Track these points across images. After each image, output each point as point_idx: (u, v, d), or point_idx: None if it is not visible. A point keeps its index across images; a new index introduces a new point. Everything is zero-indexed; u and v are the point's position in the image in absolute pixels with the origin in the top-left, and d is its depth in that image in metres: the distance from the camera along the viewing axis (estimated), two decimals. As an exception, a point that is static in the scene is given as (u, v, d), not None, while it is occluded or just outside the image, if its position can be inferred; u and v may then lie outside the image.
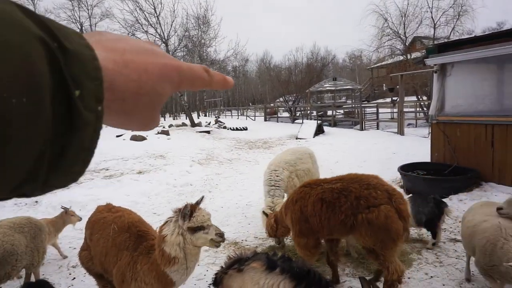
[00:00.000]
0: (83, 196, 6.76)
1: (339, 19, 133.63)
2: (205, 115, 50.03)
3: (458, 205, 5.33)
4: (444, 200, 5.21)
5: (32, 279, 3.72)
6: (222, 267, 2.46)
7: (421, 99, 20.07)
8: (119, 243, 2.56)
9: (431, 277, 3.50)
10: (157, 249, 2.32)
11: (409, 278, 3.48)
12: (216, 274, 2.45)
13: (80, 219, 4.66)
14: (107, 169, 9.61)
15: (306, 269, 2.14)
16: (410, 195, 4.43)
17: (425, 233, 4.41)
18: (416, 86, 19.91)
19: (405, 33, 23.08)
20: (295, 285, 2.05)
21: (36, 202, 6.69)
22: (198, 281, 3.80)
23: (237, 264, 2.31)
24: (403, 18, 22.98)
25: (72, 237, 5.05)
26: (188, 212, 2.27)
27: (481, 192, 5.62)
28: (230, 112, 44.31)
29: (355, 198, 2.91)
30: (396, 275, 2.94)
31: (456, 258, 3.85)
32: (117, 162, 10.48)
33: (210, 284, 2.59)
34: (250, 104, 61.57)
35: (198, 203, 2.39)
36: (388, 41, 23.85)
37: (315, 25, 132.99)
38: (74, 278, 4.13)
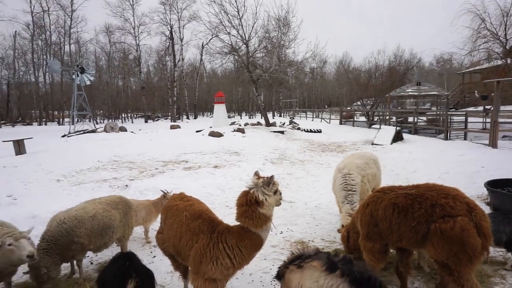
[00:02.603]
0: (165, 184, 7.41)
1: (427, 20, 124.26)
2: (280, 116, 50.59)
3: (556, 230, 4.72)
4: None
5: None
6: (284, 261, 2.61)
7: (521, 109, 17.87)
8: (193, 228, 2.87)
9: (515, 304, 3.22)
10: (250, 215, 2.67)
11: (488, 301, 3.24)
12: (279, 268, 2.61)
13: None
14: (187, 161, 10.35)
15: (367, 275, 2.16)
16: (491, 212, 4.07)
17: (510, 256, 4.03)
18: (515, 94, 17.78)
19: (505, 35, 20.72)
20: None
21: (126, 186, 7.52)
22: (264, 274, 3.99)
23: (298, 260, 2.44)
24: (505, 18, 20.64)
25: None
26: (272, 180, 2.74)
27: None
28: (305, 113, 44.14)
29: (431, 205, 2.81)
30: (472, 294, 2.78)
31: (548, 287, 3.46)
32: (196, 155, 11.23)
33: (274, 277, 2.74)
34: (326, 106, 60.54)
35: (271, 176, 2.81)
36: (484, 44, 21.60)
37: (400, 27, 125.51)
38: (155, 256, 4.61)
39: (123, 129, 21.25)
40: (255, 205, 2.66)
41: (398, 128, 17.14)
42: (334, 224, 5.66)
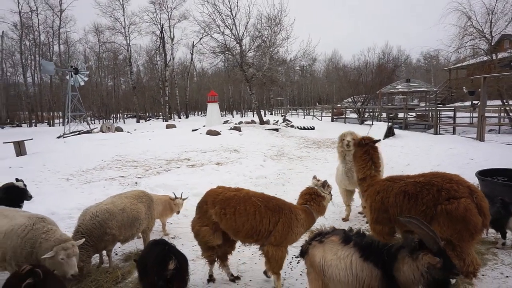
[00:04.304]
0: (174, 181, 7.72)
1: (414, 18, 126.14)
2: (271, 114, 50.98)
3: (542, 213, 5.18)
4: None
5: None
6: (306, 240, 2.98)
7: (506, 103, 18.55)
8: (273, 207, 3.41)
9: (507, 277, 3.62)
10: (317, 202, 3.63)
11: (483, 275, 3.64)
12: (302, 246, 2.97)
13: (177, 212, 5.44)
14: (189, 159, 10.64)
15: (371, 241, 2.61)
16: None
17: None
18: (501, 89, 18.43)
19: (491, 32, 21.40)
20: (361, 254, 2.53)
21: (136, 183, 7.79)
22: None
23: (318, 237, 2.84)
24: (490, 16, 21.31)
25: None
26: (327, 183, 3.74)
27: None
28: (296, 111, 44.62)
29: (437, 190, 3.18)
30: (472, 267, 3.16)
31: (536, 262, 3.89)
32: (197, 153, 11.52)
33: (298, 255, 3.09)
34: (317, 103, 61.17)
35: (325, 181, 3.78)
36: (471, 41, 22.27)
37: (389, 25, 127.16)
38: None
39: (119, 129, 21.38)
40: (320, 197, 3.63)
41: (389, 124, 17.65)
42: (339, 214, 6.03)
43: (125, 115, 59.26)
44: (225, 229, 3.51)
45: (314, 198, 3.62)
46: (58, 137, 19.72)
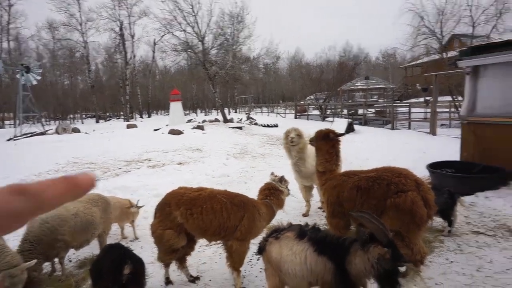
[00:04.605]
0: (133, 182, 7.51)
1: (373, 17, 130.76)
2: (235, 112, 50.92)
3: (484, 202, 5.58)
4: (469, 196, 5.53)
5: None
6: (263, 237, 3.03)
7: (455, 99, 19.74)
8: (238, 203, 3.49)
9: (451, 262, 3.86)
10: (276, 197, 3.77)
11: (430, 262, 3.86)
12: (259, 243, 3.01)
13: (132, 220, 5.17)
14: (150, 160, 10.40)
15: (324, 235, 2.68)
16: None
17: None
18: (451, 86, 19.60)
19: (441, 31, 22.69)
20: (315, 249, 2.59)
21: (93, 186, 7.49)
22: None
23: (275, 233, 2.89)
24: (440, 17, 22.60)
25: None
26: (284, 179, 3.91)
27: (509, 190, 5.82)
28: (260, 109, 44.83)
29: (387, 184, 3.33)
30: (419, 255, 3.35)
31: (477, 248, 4.17)
32: (158, 153, 11.28)
33: (256, 253, 3.12)
34: (280, 101, 61.87)
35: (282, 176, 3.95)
36: (424, 40, 23.52)
37: (349, 24, 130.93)
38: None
39: (76, 130, 20.46)
40: (278, 192, 3.79)
41: (350, 120, 18.21)
42: (299, 209, 6.14)
43: (84, 116, 56.72)
44: (192, 229, 3.47)
45: (273, 192, 3.77)
46: (8, 140, 18.57)
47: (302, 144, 5.52)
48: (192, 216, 3.38)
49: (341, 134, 4.16)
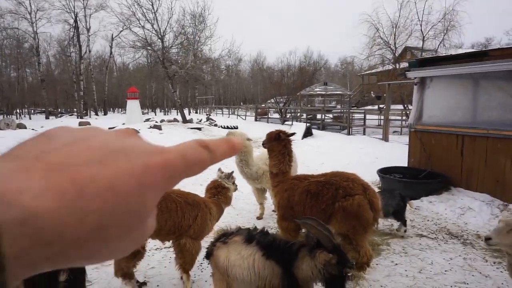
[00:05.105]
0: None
1: (333, 25, 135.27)
2: (196, 112, 50.28)
3: (428, 206, 5.91)
4: (415, 200, 5.83)
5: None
6: (211, 241, 2.96)
7: (407, 108, 20.85)
8: (191, 201, 3.45)
9: (396, 264, 4.03)
10: (224, 195, 3.79)
11: (377, 264, 3.99)
12: (207, 248, 2.94)
13: None
14: (102, 160, 9.93)
15: (272, 238, 2.67)
16: (379, 190, 4.93)
17: (395, 227, 4.96)
18: (403, 95, 20.68)
19: (395, 43, 23.90)
20: (263, 253, 2.57)
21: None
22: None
23: (223, 237, 2.83)
24: (394, 29, 23.82)
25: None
26: (231, 175, 3.93)
27: (449, 195, 6.20)
28: (221, 110, 44.61)
29: (335, 189, 3.40)
30: (366, 258, 3.45)
31: (420, 250, 4.39)
32: (111, 153, 10.81)
33: (204, 257, 3.05)
34: (242, 103, 62.03)
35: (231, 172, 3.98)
36: (379, 50, 24.67)
37: (310, 30, 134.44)
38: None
39: (22, 126, 19.13)
40: (225, 189, 3.80)
41: (308, 124, 18.59)
42: (253, 212, 6.14)
43: (32, 111, 53.26)
44: None
45: (220, 191, 3.80)
46: None
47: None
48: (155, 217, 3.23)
49: (292, 134, 4.12)
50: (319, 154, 12.69)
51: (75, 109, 47.87)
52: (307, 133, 17.35)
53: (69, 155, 0.27)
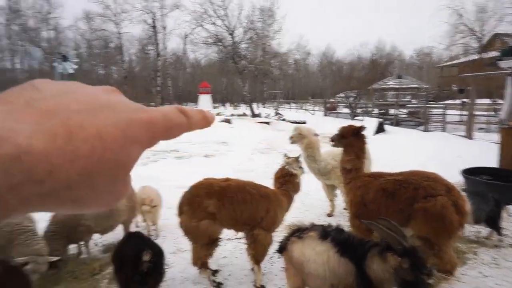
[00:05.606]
0: (160, 172, 7.62)
1: (408, 13, 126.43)
2: (264, 107, 50.85)
3: (524, 213, 5.22)
4: (508, 206, 5.19)
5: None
6: (285, 236, 2.95)
7: (495, 102, 18.74)
8: (264, 194, 3.49)
9: (486, 276, 3.62)
10: (292, 183, 3.71)
11: (463, 274, 3.63)
12: (281, 241, 2.93)
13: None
14: (177, 151, 10.54)
15: (347, 237, 2.60)
16: (467, 193, 4.45)
17: (482, 235, 4.48)
18: (491, 88, 18.61)
19: (482, 30, 21.53)
20: (337, 250, 2.52)
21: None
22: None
23: (297, 232, 2.81)
24: (481, 14, 21.45)
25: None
26: (297, 160, 3.83)
27: (551, 202, 5.42)
28: (289, 105, 44.48)
29: (414, 188, 3.15)
30: (450, 266, 3.15)
31: (514, 262, 3.90)
32: (186, 145, 11.41)
33: (276, 251, 3.05)
34: (310, 98, 61.25)
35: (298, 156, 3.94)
36: (462, 39, 22.43)
37: (382, 21, 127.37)
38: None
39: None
40: (293, 176, 3.70)
41: (380, 120, 17.69)
42: (323, 208, 6.02)
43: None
44: (223, 219, 3.39)
45: (288, 179, 3.72)
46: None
47: (306, 142, 5.50)
48: (224, 206, 3.32)
49: (364, 128, 3.95)
50: (392, 151, 11.98)
51: (153, 103, 51.44)
52: (379, 129, 16.53)
53: (58, 105, 0.29)
